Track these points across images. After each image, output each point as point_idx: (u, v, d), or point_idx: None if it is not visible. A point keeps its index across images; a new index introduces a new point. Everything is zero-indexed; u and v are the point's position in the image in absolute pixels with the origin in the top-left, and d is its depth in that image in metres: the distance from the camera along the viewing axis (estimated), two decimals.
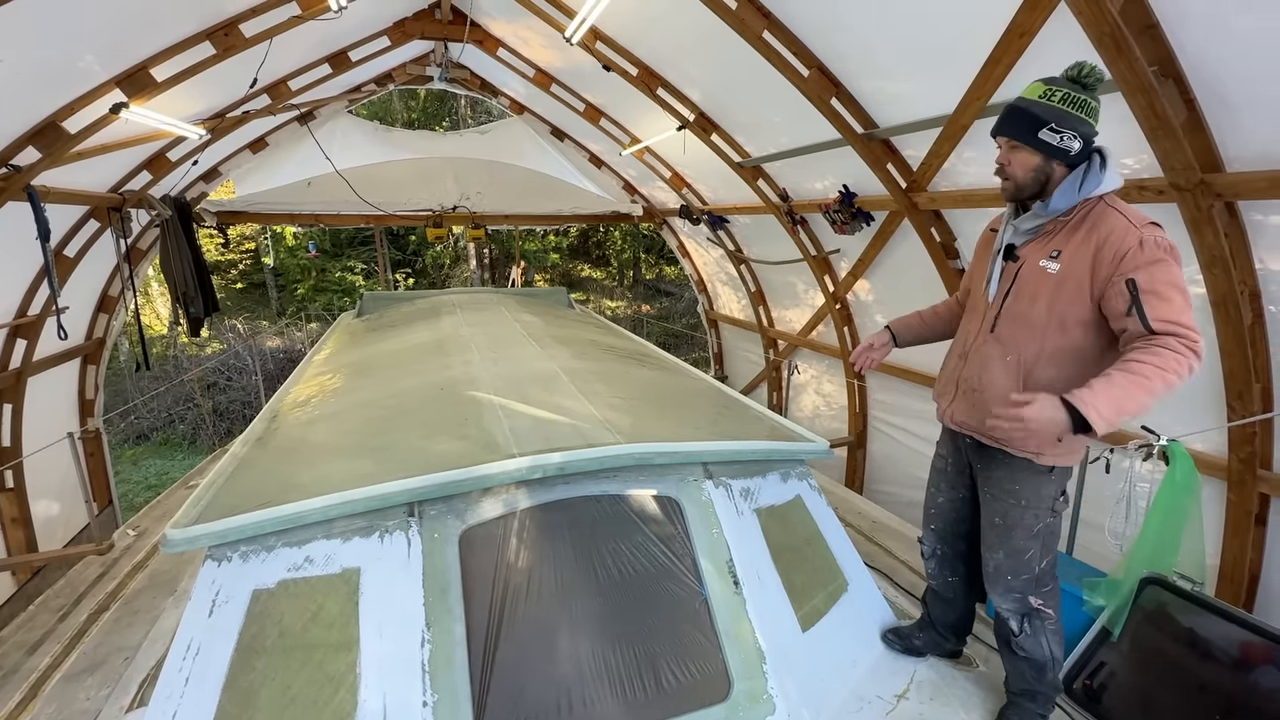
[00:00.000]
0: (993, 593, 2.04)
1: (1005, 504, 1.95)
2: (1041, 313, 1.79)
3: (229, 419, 12.63)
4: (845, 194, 4.88)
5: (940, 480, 2.23)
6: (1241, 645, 2.14)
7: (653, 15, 4.61)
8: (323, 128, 7.19)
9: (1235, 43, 2.27)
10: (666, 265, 21.64)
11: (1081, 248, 1.72)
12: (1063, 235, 1.77)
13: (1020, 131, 1.72)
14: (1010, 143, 1.76)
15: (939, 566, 2.30)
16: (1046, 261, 1.78)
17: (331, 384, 3.38)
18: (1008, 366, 1.86)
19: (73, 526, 5.75)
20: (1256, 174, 2.47)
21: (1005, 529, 1.96)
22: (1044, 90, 1.71)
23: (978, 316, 2.01)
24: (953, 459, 2.17)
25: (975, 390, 1.95)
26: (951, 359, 2.10)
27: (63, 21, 3.21)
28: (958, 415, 2.02)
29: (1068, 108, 1.68)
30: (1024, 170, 1.76)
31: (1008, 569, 1.98)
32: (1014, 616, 2.00)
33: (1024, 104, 1.73)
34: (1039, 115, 1.69)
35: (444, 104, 19.45)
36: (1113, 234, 1.67)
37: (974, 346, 1.98)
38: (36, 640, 2.73)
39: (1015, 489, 1.92)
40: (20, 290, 4.71)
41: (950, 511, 2.22)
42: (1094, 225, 1.72)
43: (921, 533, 2.36)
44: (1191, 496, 2.45)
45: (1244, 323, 2.74)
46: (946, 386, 2.08)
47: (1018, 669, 2.07)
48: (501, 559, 1.86)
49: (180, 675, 1.66)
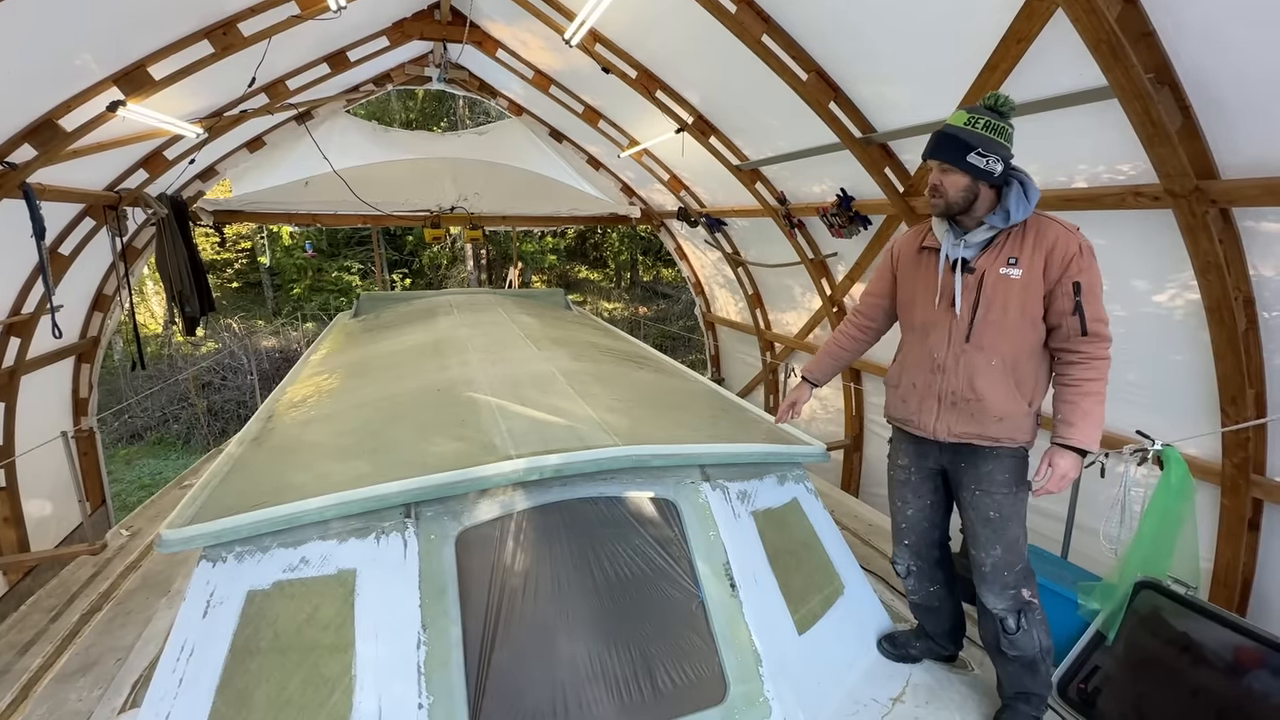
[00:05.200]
0: (988, 594, 2.06)
1: (998, 496, 2.01)
2: (1015, 316, 1.93)
3: (224, 419, 12.58)
4: (843, 198, 4.89)
5: (905, 492, 2.24)
6: (1235, 649, 2.15)
7: (652, 18, 4.62)
8: (320, 127, 7.17)
9: (1231, 51, 2.29)
10: (664, 267, 21.64)
11: (1034, 253, 1.91)
12: (1012, 244, 1.94)
13: (951, 155, 1.89)
14: (942, 166, 1.93)
15: (918, 581, 2.31)
16: (1007, 269, 1.93)
17: (328, 384, 3.37)
18: (994, 370, 1.96)
19: (65, 526, 5.70)
20: (1251, 181, 2.49)
21: (1001, 521, 2.01)
22: (968, 118, 1.91)
23: (938, 329, 2.04)
24: (916, 467, 2.20)
25: (970, 400, 1.99)
26: (917, 375, 2.10)
27: (60, 19, 3.20)
28: (955, 428, 2.03)
29: (990, 134, 1.88)
30: (955, 190, 1.92)
31: (1004, 564, 2.02)
32: (1010, 614, 2.03)
33: (952, 131, 1.91)
34: (967, 141, 1.87)
35: (442, 105, 19.43)
36: (1059, 240, 1.89)
37: (949, 358, 2.01)
38: (28, 641, 2.71)
39: (1005, 478, 2.01)
40: (15, 288, 4.68)
41: (921, 521, 2.24)
42: (1039, 233, 1.92)
43: (894, 552, 2.34)
44: (1186, 501, 2.46)
45: (1238, 328, 2.76)
46: (925, 403, 2.08)
47: (1010, 671, 2.10)
48: (498, 561, 1.86)
49: (174, 676, 1.65)
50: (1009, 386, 1.95)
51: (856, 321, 2.38)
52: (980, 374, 1.97)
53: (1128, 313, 3.28)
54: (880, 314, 2.34)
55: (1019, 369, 1.96)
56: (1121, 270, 3.20)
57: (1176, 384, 3.20)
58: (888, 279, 2.28)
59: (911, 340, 2.16)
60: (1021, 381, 1.96)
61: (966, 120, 1.90)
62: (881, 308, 2.33)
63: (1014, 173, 1.93)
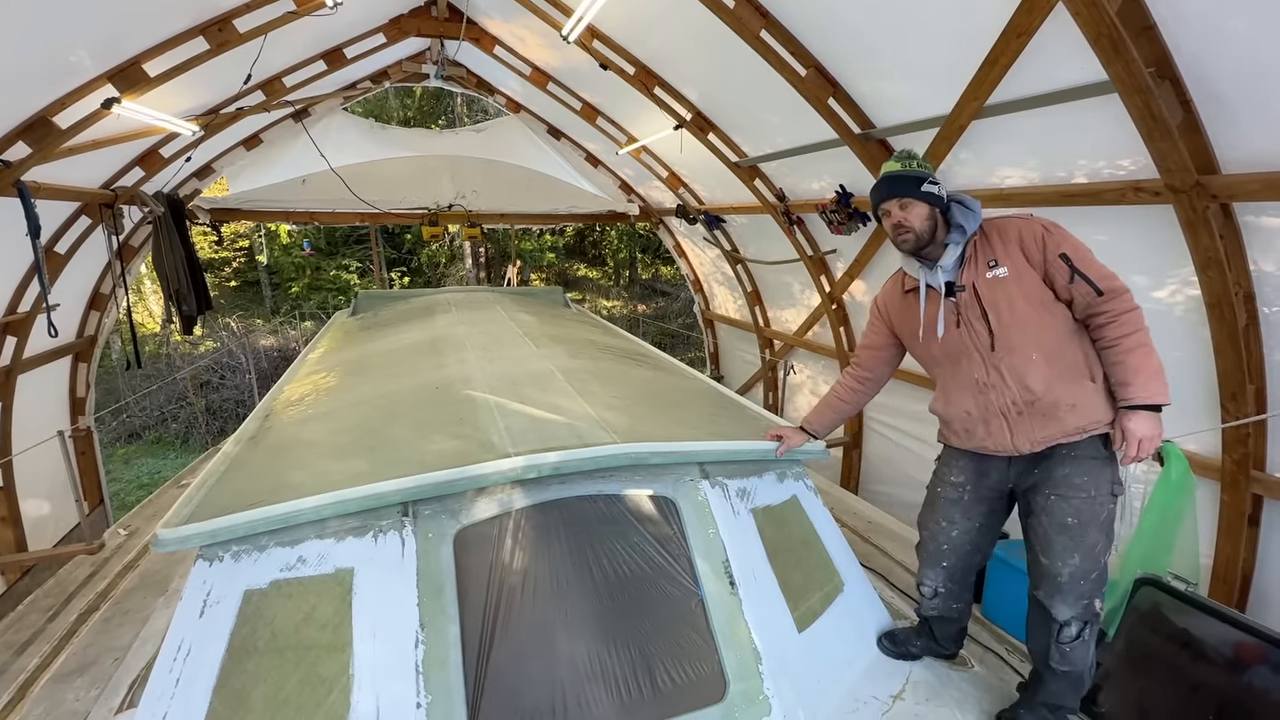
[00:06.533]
0: (1059, 604, 1.93)
1: (1076, 502, 1.91)
2: (1023, 307, 1.94)
3: (222, 418, 12.56)
4: (842, 194, 4.88)
5: (954, 513, 2.17)
6: (1235, 646, 2.14)
7: (650, 14, 4.60)
8: (317, 125, 7.15)
9: (1232, 45, 2.28)
10: (663, 265, 21.63)
11: (1007, 250, 1.97)
12: (983, 251, 2.01)
13: (909, 191, 2.02)
14: (902, 202, 2.04)
15: (944, 601, 2.25)
16: (991, 272, 1.98)
17: (326, 383, 3.36)
18: (1039, 364, 1.93)
19: (63, 526, 5.69)
20: (1252, 176, 2.48)
21: (1080, 528, 1.91)
22: (904, 161, 2.08)
23: (965, 354, 2.04)
24: (973, 486, 2.13)
25: (1033, 401, 1.93)
26: (966, 403, 2.06)
27: (54, 15, 3.18)
28: (1036, 434, 1.95)
29: (925, 167, 2.07)
30: (920, 221, 2.03)
31: (1082, 573, 1.91)
32: (1077, 623, 1.93)
33: (898, 174, 2.06)
34: (916, 176, 2.02)
35: (440, 102, 19.38)
36: (1021, 230, 1.96)
37: (989, 375, 1.99)
38: (25, 640, 2.70)
39: (1084, 481, 1.91)
40: (10, 287, 4.66)
41: (965, 544, 2.18)
42: (998, 233, 2.00)
43: (921, 573, 2.28)
44: (1186, 497, 2.46)
45: (1238, 324, 2.75)
46: (993, 422, 2.01)
47: (1055, 686, 2.00)
48: (496, 559, 1.85)
49: (171, 676, 1.64)
50: (1062, 371, 1.91)
51: (855, 374, 2.40)
52: (1029, 373, 1.93)
53: None
54: (879, 365, 2.37)
55: (1061, 353, 1.92)
56: (1122, 265, 3.13)
57: (1177, 380, 3.15)
58: (882, 332, 2.32)
59: (943, 374, 2.15)
60: (1072, 363, 1.92)
61: (904, 162, 2.08)
62: (880, 359, 2.35)
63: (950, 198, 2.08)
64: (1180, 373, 3.16)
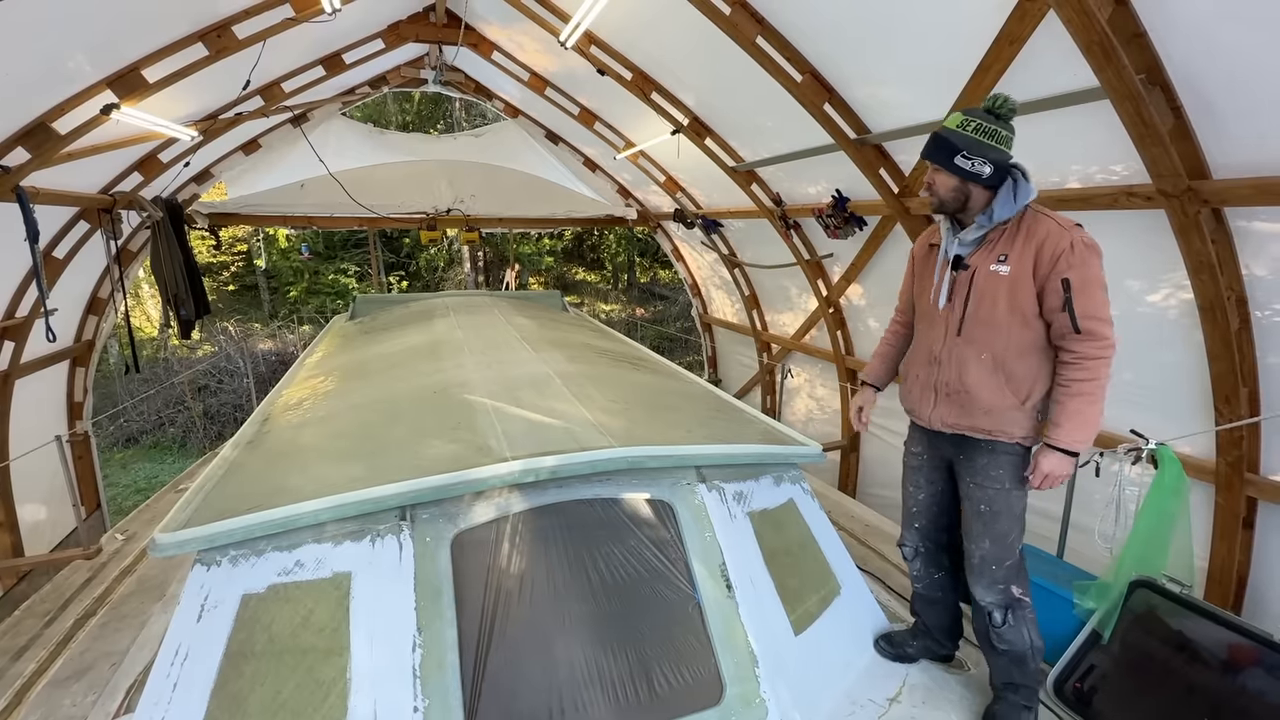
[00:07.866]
0: (977, 586, 2.12)
1: (990, 490, 2.06)
2: (1003, 312, 1.97)
3: (220, 422, 12.52)
4: (838, 199, 4.91)
5: (918, 477, 2.32)
6: (1230, 647, 2.16)
7: (647, 20, 4.62)
8: (316, 130, 7.17)
9: (1222, 52, 2.30)
10: (661, 269, 21.65)
11: (1024, 250, 1.94)
12: (1004, 241, 1.98)
13: (940, 157, 1.97)
14: (934, 166, 2.00)
15: (924, 565, 2.36)
16: (996, 266, 1.98)
17: (324, 387, 3.36)
18: (984, 364, 2.02)
19: (60, 531, 5.68)
20: (1242, 180, 2.50)
21: (991, 515, 2.06)
22: (961, 120, 1.96)
23: (937, 324, 2.12)
24: (929, 454, 2.28)
25: (960, 392, 2.07)
26: (919, 367, 2.21)
27: (53, 21, 3.19)
28: (948, 418, 2.12)
29: (980, 137, 1.92)
30: (945, 189, 2.00)
31: (993, 558, 2.07)
32: (997, 609, 2.08)
33: (944, 133, 1.97)
34: (954, 144, 1.94)
35: (438, 107, 19.41)
36: (1049, 236, 1.91)
37: (944, 352, 2.09)
38: (22, 646, 2.70)
39: (999, 474, 2.05)
40: (8, 292, 4.67)
41: (932, 505, 2.31)
42: (1030, 230, 1.95)
43: (902, 535, 2.42)
44: (1180, 500, 2.47)
45: (1231, 328, 2.77)
46: (925, 394, 2.18)
47: (999, 663, 2.14)
48: (494, 563, 1.85)
49: (168, 681, 1.64)
50: (998, 381, 2.00)
51: (897, 320, 2.48)
52: (969, 368, 2.03)
53: (1121, 313, 3.26)
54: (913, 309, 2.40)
55: (1010, 365, 1.99)
56: (1115, 270, 3.16)
57: (1170, 383, 3.22)
58: (911, 276, 2.36)
59: (920, 334, 2.26)
60: (1013, 377, 1.99)
61: (959, 123, 1.96)
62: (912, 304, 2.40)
63: (1012, 172, 1.96)
64: (1174, 376, 3.18)
